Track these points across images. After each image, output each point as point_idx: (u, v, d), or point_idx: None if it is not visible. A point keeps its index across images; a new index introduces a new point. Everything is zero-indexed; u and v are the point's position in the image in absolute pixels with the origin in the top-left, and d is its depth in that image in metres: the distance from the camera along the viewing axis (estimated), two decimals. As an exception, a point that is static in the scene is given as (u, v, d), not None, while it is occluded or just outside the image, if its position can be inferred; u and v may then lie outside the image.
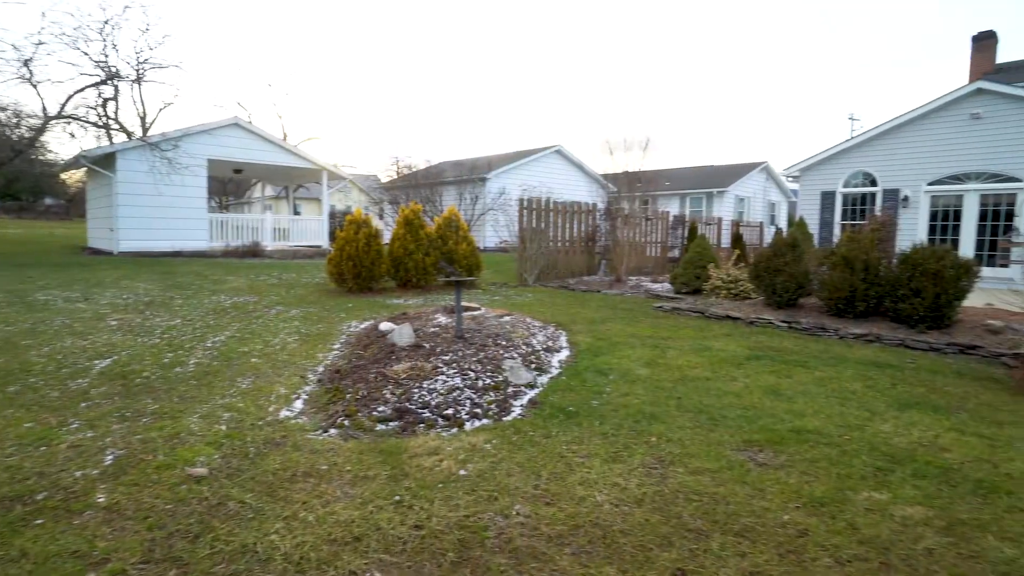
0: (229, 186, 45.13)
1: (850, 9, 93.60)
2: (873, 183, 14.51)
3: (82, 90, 15.63)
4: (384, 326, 6.29)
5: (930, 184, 13.55)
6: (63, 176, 31.41)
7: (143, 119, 31.83)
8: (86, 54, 15.07)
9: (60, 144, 36.29)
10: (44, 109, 16.82)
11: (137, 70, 15.97)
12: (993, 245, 12.70)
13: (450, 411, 4.13)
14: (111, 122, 16.28)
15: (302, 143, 38.28)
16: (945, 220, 13.42)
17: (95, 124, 16.15)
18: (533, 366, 5.29)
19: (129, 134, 17.60)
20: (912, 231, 13.54)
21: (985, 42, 20.37)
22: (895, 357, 6.25)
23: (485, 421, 4.06)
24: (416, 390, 4.44)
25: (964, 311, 7.66)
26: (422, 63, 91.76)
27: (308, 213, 40.59)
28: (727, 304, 9.01)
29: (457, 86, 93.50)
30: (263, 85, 54.89)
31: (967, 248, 12.89)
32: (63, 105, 15.64)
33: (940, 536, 2.72)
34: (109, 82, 15.44)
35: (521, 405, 4.38)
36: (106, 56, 15.19)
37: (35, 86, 15.48)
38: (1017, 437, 3.98)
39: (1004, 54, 22.85)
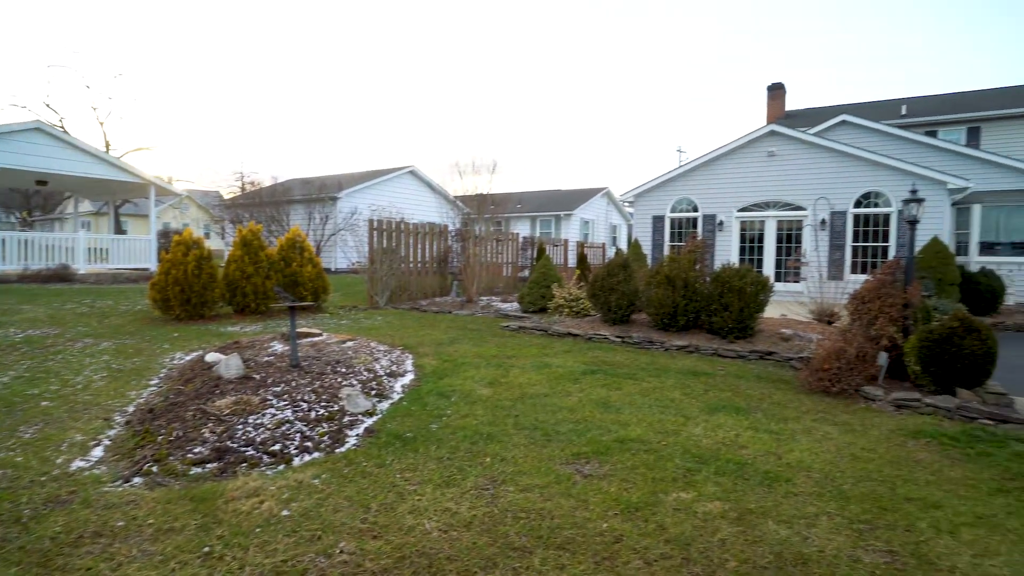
0: (34, 199, 39.26)
1: (677, 52, 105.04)
2: (695, 209, 16.24)
3: None
4: (211, 357, 5.77)
5: (740, 211, 15.47)
6: None
7: (-89, 119, 26.65)
8: None
9: None
10: None
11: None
12: (787, 263, 14.80)
13: (277, 447, 3.88)
14: None
15: (128, 154, 34.24)
16: (752, 242, 15.38)
17: None
18: (374, 392, 5.15)
19: None
20: (727, 252, 15.35)
21: (777, 91, 24.03)
22: (709, 365, 6.99)
23: (316, 455, 3.86)
24: (240, 426, 4.11)
25: (764, 321, 8.80)
26: (269, 76, 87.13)
27: (137, 231, 36.38)
28: (569, 322, 9.51)
29: (306, 102, 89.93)
30: (80, 87, 48.40)
31: (769, 267, 14.88)
32: None
33: (733, 526, 3.05)
34: None
35: (357, 435, 4.23)
36: None
37: None
38: (798, 430, 4.62)
39: (792, 102, 26.82)
